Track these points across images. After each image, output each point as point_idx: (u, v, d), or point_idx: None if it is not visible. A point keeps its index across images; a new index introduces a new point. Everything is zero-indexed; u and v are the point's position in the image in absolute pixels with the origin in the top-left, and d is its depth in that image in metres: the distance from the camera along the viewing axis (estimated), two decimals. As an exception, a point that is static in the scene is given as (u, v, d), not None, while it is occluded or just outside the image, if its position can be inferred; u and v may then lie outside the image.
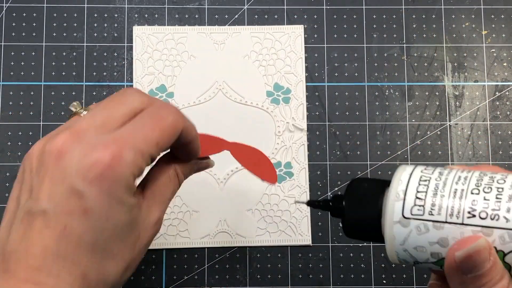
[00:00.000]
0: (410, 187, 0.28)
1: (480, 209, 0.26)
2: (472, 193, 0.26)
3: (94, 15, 0.61)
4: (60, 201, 0.29)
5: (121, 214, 0.30)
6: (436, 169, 0.29)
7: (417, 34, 0.62)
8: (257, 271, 0.57)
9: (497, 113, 0.61)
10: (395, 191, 0.28)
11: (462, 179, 0.27)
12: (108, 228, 0.29)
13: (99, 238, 0.29)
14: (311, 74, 0.61)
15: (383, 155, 0.59)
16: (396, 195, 0.28)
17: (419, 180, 0.28)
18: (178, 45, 0.60)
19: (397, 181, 0.29)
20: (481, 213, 0.26)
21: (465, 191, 0.26)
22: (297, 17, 0.61)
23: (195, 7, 0.61)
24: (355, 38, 0.61)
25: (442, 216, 0.26)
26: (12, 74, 0.60)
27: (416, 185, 0.28)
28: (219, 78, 0.60)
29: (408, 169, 0.29)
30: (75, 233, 0.28)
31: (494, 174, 0.27)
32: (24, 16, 0.61)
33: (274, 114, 0.59)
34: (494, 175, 0.27)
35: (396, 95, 0.61)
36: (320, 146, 0.59)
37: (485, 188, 0.26)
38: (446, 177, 0.28)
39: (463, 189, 0.27)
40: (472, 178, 0.27)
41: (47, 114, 0.59)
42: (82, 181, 0.29)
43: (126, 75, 0.60)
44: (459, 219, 0.26)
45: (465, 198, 0.26)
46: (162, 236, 0.57)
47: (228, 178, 0.58)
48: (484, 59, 0.61)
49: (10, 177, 0.58)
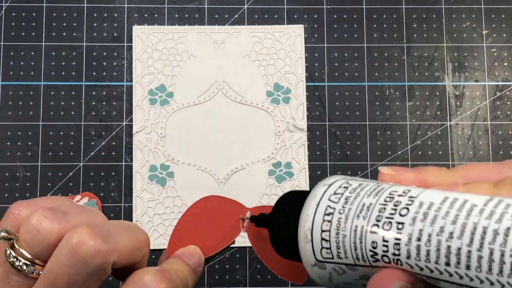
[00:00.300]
0: (315, 226, 0.24)
1: (381, 253, 0.22)
2: (372, 232, 0.22)
3: (94, 15, 0.61)
4: None
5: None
6: (345, 192, 0.24)
7: (418, 34, 0.61)
8: (257, 271, 0.57)
9: (498, 113, 0.60)
10: (303, 230, 0.24)
11: (365, 210, 0.23)
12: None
13: None
14: (311, 74, 0.60)
15: (384, 155, 0.59)
16: (305, 236, 0.24)
17: (324, 214, 0.24)
18: (178, 44, 0.60)
19: (304, 217, 0.24)
20: (383, 257, 0.22)
21: (365, 229, 0.22)
22: (297, 17, 0.61)
23: (195, 6, 0.61)
24: (355, 38, 0.61)
25: (350, 259, 0.23)
26: (11, 74, 0.60)
27: (320, 222, 0.24)
28: (219, 78, 0.60)
29: (318, 196, 0.25)
30: None
31: (401, 198, 0.22)
32: (23, 16, 0.60)
33: (274, 114, 0.59)
34: (400, 200, 0.22)
35: (397, 95, 0.60)
36: (320, 146, 0.59)
37: (385, 224, 0.22)
38: (350, 207, 0.23)
39: (363, 226, 0.22)
40: (375, 207, 0.23)
41: (46, 114, 0.59)
42: None
43: (125, 75, 0.60)
44: (366, 263, 0.23)
45: (365, 240, 0.22)
46: (162, 236, 0.57)
47: (228, 178, 0.58)
48: (485, 59, 0.61)
49: (10, 177, 0.58)
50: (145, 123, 0.59)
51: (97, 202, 0.58)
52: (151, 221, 0.58)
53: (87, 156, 0.59)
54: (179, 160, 0.58)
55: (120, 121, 0.59)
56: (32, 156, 0.58)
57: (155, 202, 0.58)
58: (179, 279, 0.28)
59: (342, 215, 0.23)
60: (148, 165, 0.58)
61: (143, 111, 0.59)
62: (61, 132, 0.59)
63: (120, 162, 0.59)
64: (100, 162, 0.59)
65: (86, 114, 0.59)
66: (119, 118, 0.59)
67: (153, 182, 0.58)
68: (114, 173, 0.59)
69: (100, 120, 0.59)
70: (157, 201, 0.58)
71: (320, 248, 0.24)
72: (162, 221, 0.58)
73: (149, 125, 0.59)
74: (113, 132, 0.59)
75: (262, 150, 0.59)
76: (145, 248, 0.28)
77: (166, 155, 0.58)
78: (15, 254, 0.25)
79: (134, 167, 0.58)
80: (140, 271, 0.26)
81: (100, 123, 0.59)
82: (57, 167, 0.59)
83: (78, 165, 0.59)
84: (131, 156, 0.59)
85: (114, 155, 0.59)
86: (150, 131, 0.59)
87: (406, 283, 0.22)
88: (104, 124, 0.59)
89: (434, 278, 0.21)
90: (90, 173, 0.59)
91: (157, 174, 0.58)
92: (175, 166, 0.58)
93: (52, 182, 0.58)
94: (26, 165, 0.58)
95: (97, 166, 0.59)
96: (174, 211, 0.58)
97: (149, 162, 0.58)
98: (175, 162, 0.58)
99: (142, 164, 0.58)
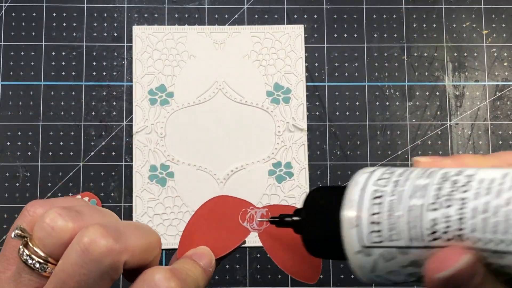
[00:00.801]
0: (364, 210, 0.24)
1: (443, 229, 0.22)
2: (432, 210, 0.22)
3: (94, 15, 0.61)
4: None
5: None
6: (392, 176, 0.24)
7: (418, 34, 0.61)
8: (257, 271, 0.57)
9: (498, 113, 0.60)
10: (347, 217, 0.24)
11: (420, 190, 0.23)
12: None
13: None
14: (311, 74, 0.60)
15: (384, 155, 0.59)
16: (349, 222, 0.24)
17: (373, 197, 0.24)
18: (178, 44, 0.60)
19: (348, 202, 0.24)
20: (445, 234, 0.22)
21: (424, 207, 0.22)
22: (297, 16, 0.61)
23: (195, 6, 0.61)
24: (355, 38, 0.61)
25: (404, 240, 0.23)
26: (11, 74, 0.60)
27: (369, 206, 0.24)
28: (219, 78, 0.60)
29: (360, 182, 0.25)
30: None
31: (458, 177, 0.23)
32: (23, 15, 0.60)
33: (274, 114, 0.59)
34: (457, 179, 0.23)
35: (397, 95, 0.60)
36: (320, 146, 0.59)
37: (445, 201, 0.22)
38: (402, 189, 0.24)
39: (422, 205, 0.23)
40: (431, 187, 0.23)
41: (46, 114, 0.59)
42: None
43: (125, 75, 0.60)
44: (423, 242, 0.23)
45: (424, 218, 0.22)
46: (162, 236, 0.57)
47: (228, 178, 0.58)
48: (485, 58, 0.61)
49: (10, 177, 0.58)
50: (145, 123, 0.59)
51: (97, 202, 0.58)
52: (151, 221, 0.58)
53: (87, 156, 0.59)
54: (179, 160, 0.58)
55: (120, 121, 0.59)
56: (32, 156, 0.58)
57: (155, 202, 0.58)
58: (189, 279, 0.28)
59: (395, 197, 0.24)
60: (148, 165, 0.58)
61: (143, 111, 0.59)
62: (61, 132, 0.59)
63: (120, 162, 0.59)
64: (100, 162, 0.59)
65: (86, 114, 0.59)
66: (119, 118, 0.59)
67: (153, 182, 0.58)
68: (114, 173, 0.59)
69: (100, 120, 0.59)
70: (157, 201, 0.58)
71: (369, 232, 0.24)
72: (162, 221, 0.58)
73: (149, 125, 0.59)
74: (113, 132, 0.59)
75: (262, 150, 0.59)
76: (157, 249, 0.28)
77: (166, 155, 0.58)
78: (28, 253, 0.25)
79: (134, 167, 0.58)
80: (150, 270, 0.26)
81: (100, 123, 0.59)
82: (57, 167, 0.59)
83: (78, 165, 0.59)
84: (131, 156, 0.59)
85: (114, 155, 0.59)
86: (150, 131, 0.59)
87: (474, 256, 0.22)
88: (104, 124, 0.59)
89: (500, 252, 0.21)
90: (90, 173, 0.59)
91: (157, 174, 0.58)
92: (175, 166, 0.58)
93: (52, 182, 0.58)
94: (26, 165, 0.58)
95: (97, 166, 0.59)
96: (174, 211, 0.58)
97: (149, 162, 0.58)
98: (175, 162, 0.58)
99: (142, 164, 0.58)
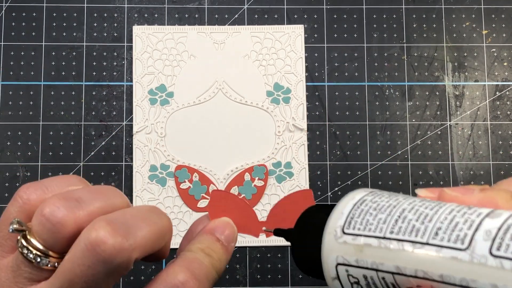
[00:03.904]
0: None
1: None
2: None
3: (94, 15, 0.61)
4: None
5: None
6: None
7: (417, 34, 0.61)
8: (257, 271, 0.57)
9: (498, 113, 0.60)
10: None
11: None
12: None
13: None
14: (311, 74, 0.60)
15: (383, 155, 0.59)
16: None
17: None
18: (178, 44, 0.60)
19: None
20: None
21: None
22: (297, 17, 0.61)
23: (195, 6, 0.61)
24: (355, 38, 0.61)
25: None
26: (11, 73, 0.60)
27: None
28: (219, 78, 0.60)
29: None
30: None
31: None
32: (23, 15, 0.60)
33: (274, 114, 0.59)
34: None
35: (396, 95, 0.60)
36: (320, 146, 0.59)
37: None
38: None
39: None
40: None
41: (46, 114, 0.59)
42: None
43: (125, 75, 0.60)
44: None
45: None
46: (162, 236, 0.57)
47: (228, 178, 0.58)
48: (485, 58, 0.61)
49: (10, 177, 0.58)
50: (145, 123, 0.59)
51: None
52: (151, 221, 0.57)
53: (87, 156, 0.59)
54: (179, 160, 0.58)
55: (120, 121, 0.59)
56: (32, 156, 0.58)
57: (155, 202, 0.58)
58: (204, 270, 0.27)
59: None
60: (148, 165, 0.58)
61: (143, 111, 0.59)
62: (61, 132, 0.59)
63: (120, 162, 0.59)
64: (100, 162, 0.59)
65: (86, 114, 0.60)
66: (119, 118, 0.59)
67: (153, 182, 0.58)
68: (114, 173, 0.59)
69: (100, 120, 0.59)
70: (157, 201, 0.58)
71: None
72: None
73: (149, 125, 0.59)
74: (113, 132, 0.59)
75: (262, 150, 0.59)
76: (168, 235, 0.27)
77: (166, 155, 0.58)
78: (27, 245, 0.24)
79: (134, 167, 0.58)
80: (172, 270, 0.25)
81: (100, 123, 0.59)
82: (57, 167, 0.59)
83: (78, 165, 0.59)
84: (131, 156, 0.59)
85: (114, 155, 0.59)
86: (150, 131, 0.59)
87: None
88: (104, 124, 0.59)
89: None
90: (90, 173, 0.59)
91: (157, 174, 0.58)
92: (175, 166, 0.58)
93: (52, 182, 0.58)
94: (26, 165, 0.58)
95: (97, 166, 0.59)
96: (174, 211, 0.58)
97: (149, 162, 0.58)
98: (175, 162, 0.58)
99: (142, 164, 0.58)
